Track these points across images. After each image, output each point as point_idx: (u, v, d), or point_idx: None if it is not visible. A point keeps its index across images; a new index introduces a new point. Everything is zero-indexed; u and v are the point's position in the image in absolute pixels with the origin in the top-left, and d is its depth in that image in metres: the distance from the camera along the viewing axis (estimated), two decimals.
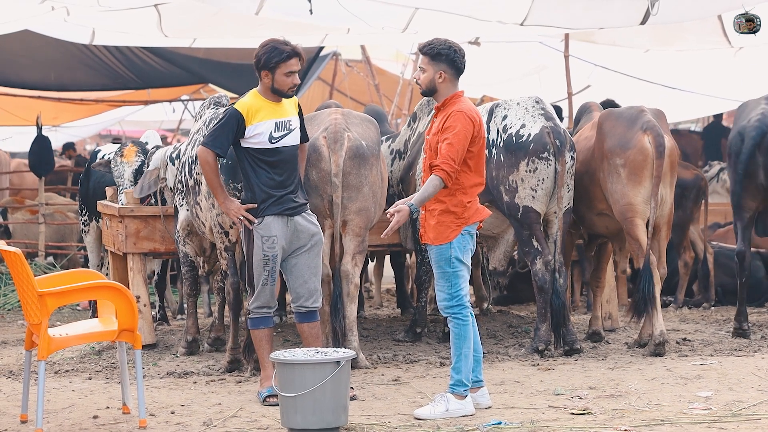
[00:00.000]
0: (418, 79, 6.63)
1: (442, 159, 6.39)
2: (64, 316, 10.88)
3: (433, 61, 6.54)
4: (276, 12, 10.01)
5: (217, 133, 6.69)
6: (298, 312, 6.87)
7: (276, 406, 6.36)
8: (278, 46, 6.66)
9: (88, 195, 10.63)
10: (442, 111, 6.57)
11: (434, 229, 6.50)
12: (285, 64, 6.64)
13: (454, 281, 6.48)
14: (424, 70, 6.59)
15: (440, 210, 6.48)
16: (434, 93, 6.60)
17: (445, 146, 6.40)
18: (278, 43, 6.69)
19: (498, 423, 6.23)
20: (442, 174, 6.39)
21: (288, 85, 6.71)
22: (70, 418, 6.66)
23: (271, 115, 6.72)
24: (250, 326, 6.85)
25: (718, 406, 6.57)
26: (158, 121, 21.48)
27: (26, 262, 6.16)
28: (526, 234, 8.23)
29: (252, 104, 6.70)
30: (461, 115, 6.45)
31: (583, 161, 8.72)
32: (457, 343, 6.50)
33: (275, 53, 6.64)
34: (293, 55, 6.66)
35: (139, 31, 11.81)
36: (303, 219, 6.82)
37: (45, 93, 15.87)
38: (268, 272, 6.70)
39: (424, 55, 6.61)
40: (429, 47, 6.57)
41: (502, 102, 8.55)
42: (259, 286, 6.74)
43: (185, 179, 8.21)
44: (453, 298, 6.50)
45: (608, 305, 9.49)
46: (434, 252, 6.52)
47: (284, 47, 6.67)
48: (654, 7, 8.95)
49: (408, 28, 10.62)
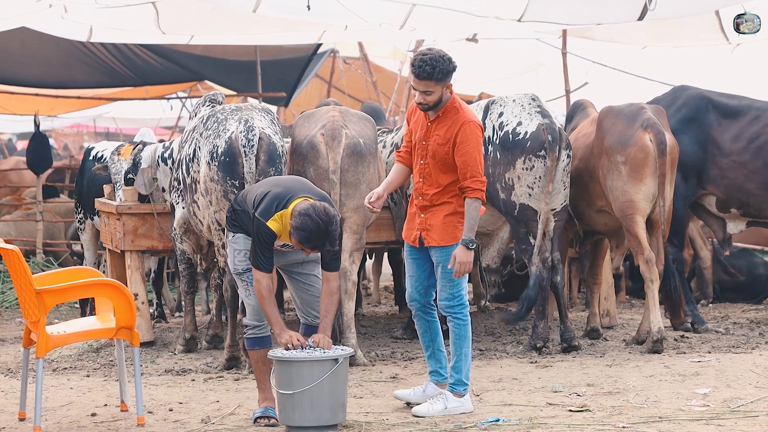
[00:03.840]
0: (423, 101, 6.35)
1: (471, 179, 6.31)
2: (62, 314, 10.88)
3: (441, 81, 6.32)
4: (273, 9, 10.00)
5: (258, 253, 6.21)
6: (305, 323, 6.53)
7: (268, 427, 6.30)
8: (310, 237, 6.03)
9: (83, 193, 10.62)
10: (444, 118, 6.41)
11: (440, 230, 6.43)
12: (300, 245, 6.12)
13: (457, 281, 6.45)
14: (432, 93, 6.33)
15: (447, 212, 6.43)
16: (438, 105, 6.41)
17: (468, 162, 6.30)
18: (317, 232, 6.02)
19: (496, 420, 6.23)
20: (476, 194, 6.32)
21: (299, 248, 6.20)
22: (68, 415, 6.65)
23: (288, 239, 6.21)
24: (246, 346, 6.52)
25: (716, 403, 6.57)
26: (155, 119, 21.44)
27: (24, 260, 6.15)
28: (522, 232, 8.23)
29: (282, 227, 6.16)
30: (474, 126, 6.35)
31: (582, 158, 8.72)
32: (458, 343, 6.49)
33: (302, 236, 6.03)
34: (315, 248, 6.11)
35: (136, 28, 11.80)
36: None
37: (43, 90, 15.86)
38: (246, 283, 6.39)
39: (430, 80, 6.29)
40: (437, 72, 6.26)
41: (498, 99, 8.54)
42: (244, 298, 6.48)
43: (182, 177, 8.20)
44: (455, 297, 6.47)
45: (606, 302, 9.49)
46: (439, 252, 6.45)
47: (314, 241, 6.04)
48: (652, 3, 8.95)
49: (405, 25, 10.62)
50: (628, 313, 10.37)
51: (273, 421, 6.30)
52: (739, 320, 9.81)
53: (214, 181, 7.75)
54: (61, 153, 23.86)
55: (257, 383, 6.48)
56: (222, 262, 7.98)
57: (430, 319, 6.65)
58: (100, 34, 12.40)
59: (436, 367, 6.66)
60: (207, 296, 10.54)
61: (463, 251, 6.32)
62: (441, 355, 6.67)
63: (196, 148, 7.99)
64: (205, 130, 7.96)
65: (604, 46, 13.78)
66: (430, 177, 6.46)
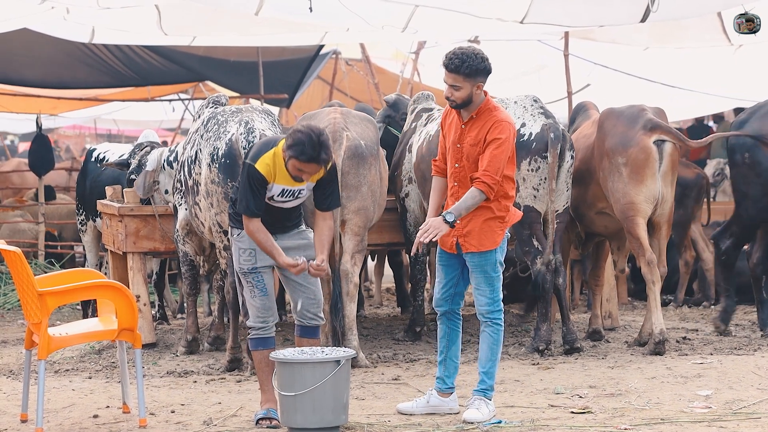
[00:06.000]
0: (451, 96, 6.29)
1: (484, 171, 6.23)
2: (65, 316, 10.88)
3: (470, 78, 6.26)
4: (276, 10, 10.00)
5: (248, 198, 6.23)
6: (300, 324, 6.51)
7: (270, 429, 6.30)
8: (305, 147, 6.08)
9: (84, 195, 10.62)
10: (478, 119, 6.34)
11: (479, 236, 6.32)
12: (299, 163, 6.15)
13: (497, 285, 6.40)
14: (460, 88, 6.27)
15: (487, 216, 6.32)
16: (468, 104, 6.35)
17: (488, 157, 6.23)
18: (310, 142, 6.08)
19: (498, 422, 6.23)
20: (483, 187, 6.22)
21: (295, 175, 6.24)
22: (70, 417, 6.66)
23: (284, 181, 6.28)
24: (250, 347, 6.52)
25: (718, 405, 6.57)
26: (158, 121, 21.44)
27: (26, 262, 6.16)
28: (526, 234, 8.22)
29: (272, 165, 6.24)
30: (506, 126, 6.28)
31: (583, 159, 8.72)
32: (494, 349, 6.42)
33: (298, 149, 6.08)
34: (312, 162, 6.13)
35: (138, 29, 11.81)
36: (290, 238, 6.45)
37: (45, 91, 15.87)
38: (251, 284, 6.38)
39: (458, 74, 6.24)
40: (465, 67, 6.23)
41: (499, 101, 8.53)
42: (248, 299, 6.43)
43: (184, 179, 8.21)
44: (494, 302, 6.41)
45: (608, 304, 9.49)
46: (478, 258, 6.35)
47: (310, 151, 6.08)
48: (654, 4, 8.94)
49: (408, 27, 10.61)
50: (630, 314, 10.37)
51: (275, 422, 6.29)
52: (741, 322, 9.80)
53: (215, 183, 7.76)
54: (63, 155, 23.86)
55: (260, 384, 6.48)
56: (224, 264, 7.98)
57: (453, 326, 6.57)
58: (102, 36, 12.41)
59: (444, 374, 6.57)
60: (209, 298, 10.56)
61: (440, 222, 6.18)
62: (452, 365, 6.58)
63: (198, 150, 8.00)
64: (206, 132, 7.97)
65: (606, 48, 13.77)
66: (464, 180, 6.35)
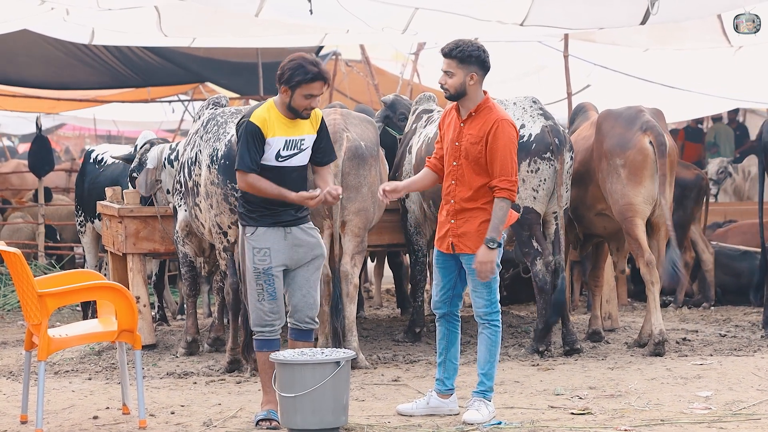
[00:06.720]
0: (444, 84, 6.31)
1: (501, 178, 6.21)
2: (65, 317, 10.88)
3: (463, 64, 6.25)
4: (276, 12, 10.00)
5: (243, 152, 6.22)
6: (296, 328, 6.41)
7: (270, 430, 6.30)
8: (305, 65, 6.15)
9: (83, 196, 10.62)
10: (477, 117, 6.33)
11: (474, 237, 6.29)
12: (307, 86, 6.19)
13: (494, 287, 6.37)
14: (453, 74, 6.27)
15: (483, 218, 6.29)
16: (462, 96, 6.34)
17: (498, 160, 6.21)
18: (306, 62, 6.18)
19: (498, 423, 6.23)
20: (505, 194, 6.20)
21: (304, 107, 6.25)
22: (70, 418, 6.66)
23: (284, 132, 6.28)
24: (255, 347, 6.45)
25: (718, 406, 6.57)
26: (157, 122, 21.43)
27: (26, 263, 6.16)
28: (526, 235, 8.22)
29: (268, 117, 6.28)
30: (507, 125, 6.26)
31: (581, 161, 8.72)
32: (492, 350, 6.40)
33: (299, 72, 6.15)
34: (318, 78, 6.18)
35: (138, 30, 11.80)
36: (302, 232, 6.36)
37: (45, 92, 15.87)
38: (262, 287, 6.26)
39: (451, 58, 6.27)
40: (458, 50, 6.26)
41: (498, 102, 8.51)
42: (254, 303, 6.31)
43: (184, 180, 8.21)
44: (492, 303, 6.38)
45: (608, 305, 9.49)
46: (472, 260, 6.31)
47: (311, 67, 6.16)
48: (654, 7, 8.94)
49: (408, 29, 10.61)
50: (629, 315, 10.37)
51: (275, 423, 6.29)
52: (741, 323, 9.81)
53: (215, 184, 7.76)
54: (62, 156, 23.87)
55: (261, 385, 6.47)
56: (223, 266, 7.98)
57: (451, 328, 6.56)
58: (102, 37, 12.41)
59: (443, 376, 6.56)
60: (209, 299, 10.55)
61: (485, 251, 6.19)
62: (451, 366, 6.57)
63: (198, 152, 8.00)
64: (206, 133, 7.97)
65: (606, 49, 13.77)
66: (462, 179, 6.33)
